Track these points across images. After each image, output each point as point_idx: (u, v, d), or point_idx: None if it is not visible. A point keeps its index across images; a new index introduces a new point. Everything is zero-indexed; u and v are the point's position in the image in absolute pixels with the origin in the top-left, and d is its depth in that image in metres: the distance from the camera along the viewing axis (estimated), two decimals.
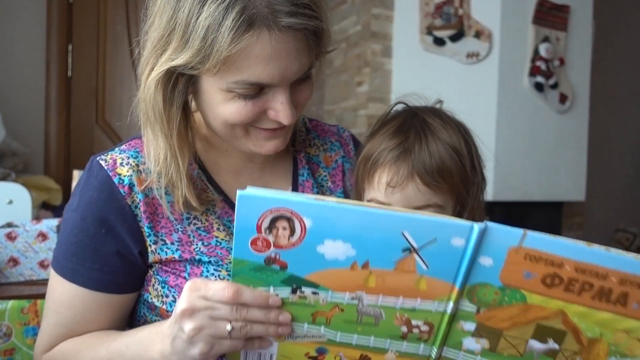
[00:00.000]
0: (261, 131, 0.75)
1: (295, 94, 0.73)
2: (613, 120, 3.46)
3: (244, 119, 0.71)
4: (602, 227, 3.47)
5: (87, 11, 2.72)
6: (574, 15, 2.65)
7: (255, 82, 0.68)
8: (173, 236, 0.76)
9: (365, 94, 2.65)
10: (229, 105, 0.70)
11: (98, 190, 0.75)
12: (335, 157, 0.94)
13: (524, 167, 2.51)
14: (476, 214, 0.79)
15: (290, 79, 0.71)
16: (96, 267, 0.75)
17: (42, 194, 2.23)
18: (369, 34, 2.61)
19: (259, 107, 0.71)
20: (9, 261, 1.42)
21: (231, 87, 0.69)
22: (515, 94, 2.50)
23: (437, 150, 0.73)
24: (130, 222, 0.75)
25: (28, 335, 1.06)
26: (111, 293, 0.76)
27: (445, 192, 0.74)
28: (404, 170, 0.73)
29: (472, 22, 2.51)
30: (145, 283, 0.78)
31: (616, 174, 3.53)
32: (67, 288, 0.76)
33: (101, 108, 2.77)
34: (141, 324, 0.80)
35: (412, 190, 0.73)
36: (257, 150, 0.76)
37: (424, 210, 0.73)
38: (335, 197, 0.65)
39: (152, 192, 0.77)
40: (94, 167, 0.77)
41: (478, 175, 0.78)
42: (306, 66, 0.71)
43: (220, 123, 0.73)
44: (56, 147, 2.63)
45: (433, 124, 0.75)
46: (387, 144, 0.75)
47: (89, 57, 2.74)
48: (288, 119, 0.71)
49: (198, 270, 0.75)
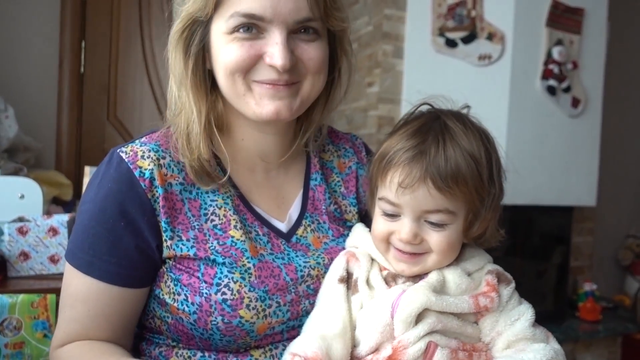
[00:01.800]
0: (263, 86, 0.76)
1: (298, 48, 0.76)
2: (626, 124, 3.42)
3: (239, 61, 0.75)
4: (613, 233, 3.43)
5: (101, 9, 2.74)
6: (588, 18, 2.63)
7: (248, 12, 0.73)
8: (189, 233, 0.77)
9: (376, 95, 2.65)
10: (228, 48, 0.75)
11: (118, 183, 0.76)
12: (349, 164, 0.95)
13: (534, 170, 2.49)
14: (489, 225, 0.77)
15: (286, 19, 0.74)
16: (113, 261, 0.75)
17: (53, 189, 2.25)
18: (381, 35, 2.61)
19: (255, 49, 0.75)
20: (20, 255, 1.43)
21: (230, 25, 0.74)
22: (527, 97, 2.48)
23: (454, 156, 0.72)
24: (149, 216, 0.75)
25: (37, 329, 1.07)
26: (126, 287, 0.76)
27: (457, 199, 0.72)
28: (417, 172, 0.71)
29: (485, 24, 2.49)
30: (158, 279, 0.78)
31: (628, 179, 3.49)
32: (82, 281, 0.76)
33: (113, 105, 2.79)
34: (150, 318, 0.81)
35: (423, 194, 0.72)
36: (259, 111, 0.77)
37: (435, 214, 0.73)
38: None
39: (171, 187, 0.77)
40: (114, 159, 0.78)
41: (495, 186, 0.75)
42: (304, 11, 0.74)
43: (224, 75, 0.77)
44: (68, 142, 2.66)
45: (454, 129, 0.74)
46: (404, 144, 0.74)
47: (102, 54, 2.76)
48: (282, 60, 0.73)
49: (212, 271, 0.75)
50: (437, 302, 0.70)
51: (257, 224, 0.82)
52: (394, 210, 0.74)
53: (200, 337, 0.76)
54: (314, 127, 0.89)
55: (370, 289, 0.76)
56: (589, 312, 2.73)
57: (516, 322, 0.73)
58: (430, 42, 2.55)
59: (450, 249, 0.75)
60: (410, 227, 0.73)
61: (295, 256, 0.82)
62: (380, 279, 0.77)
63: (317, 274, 0.81)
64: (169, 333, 0.79)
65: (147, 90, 2.83)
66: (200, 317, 0.74)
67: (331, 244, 0.86)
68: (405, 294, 0.71)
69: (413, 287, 0.73)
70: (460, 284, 0.74)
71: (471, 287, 0.75)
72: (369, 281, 0.77)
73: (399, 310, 0.70)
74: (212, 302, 0.74)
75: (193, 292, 0.75)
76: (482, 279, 0.76)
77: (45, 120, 2.62)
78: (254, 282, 0.76)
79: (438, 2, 2.55)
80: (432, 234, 0.74)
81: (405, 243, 0.74)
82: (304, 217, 0.86)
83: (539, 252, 2.81)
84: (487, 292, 0.73)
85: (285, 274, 0.79)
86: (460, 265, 0.77)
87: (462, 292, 0.74)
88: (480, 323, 0.74)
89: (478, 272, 0.77)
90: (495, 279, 0.75)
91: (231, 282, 0.75)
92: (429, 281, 0.73)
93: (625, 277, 3.43)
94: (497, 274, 0.76)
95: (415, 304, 0.70)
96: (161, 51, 0.83)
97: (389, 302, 0.72)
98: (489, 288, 0.74)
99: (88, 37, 2.71)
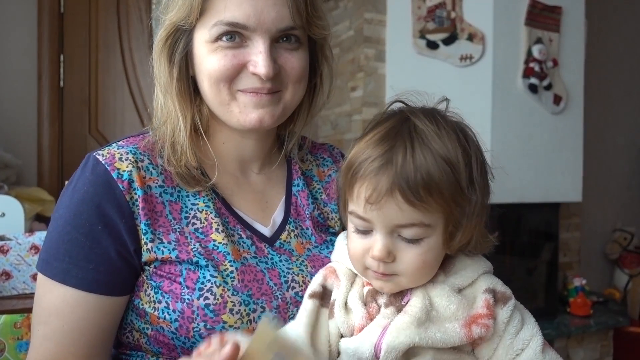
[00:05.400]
0: (247, 95, 0.77)
1: (281, 57, 0.77)
2: (608, 119, 3.46)
3: (224, 70, 0.75)
4: (600, 227, 3.46)
5: (79, 21, 2.71)
6: (566, 16, 2.66)
7: (231, 20, 0.73)
8: (170, 236, 0.75)
9: (360, 99, 2.65)
10: (212, 57, 0.75)
11: (94, 185, 0.74)
12: (329, 172, 0.95)
13: (519, 168, 2.51)
14: (473, 235, 0.67)
15: (269, 28, 0.74)
16: (91, 267, 0.72)
17: (36, 205, 2.21)
18: (362, 39, 2.61)
19: (239, 59, 0.75)
20: (1, 275, 1.40)
21: (213, 34, 0.74)
22: (509, 96, 2.50)
23: (425, 163, 0.62)
24: (127, 218, 0.73)
25: (21, 350, 1.04)
26: (105, 295, 0.73)
27: (433, 211, 0.63)
28: (383, 185, 0.62)
29: (465, 25, 2.51)
30: (137, 288, 0.76)
31: (612, 174, 3.53)
32: (57, 293, 0.73)
33: (94, 118, 2.75)
34: (127, 332, 0.78)
35: (392, 208, 0.63)
36: (243, 119, 0.77)
37: (408, 229, 0.64)
38: None
39: (150, 190, 0.76)
40: (89, 162, 0.76)
41: (476, 191, 0.65)
42: (287, 20, 0.75)
43: (208, 83, 0.77)
44: (49, 158, 2.61)
45: (425, 131, 0.65)
46: (370, 152, 0.65)
47: (81, 66, 2.72)
48: (265, 69, 0.74)
49: (194, 275, 0.74)
50: (424, 338, 0.63)
51: (239, 227, 0.81)
52: (365, 225, 0.66)
53: (182, 346, 0.74)
54: (299, 134, 0.89)
55: (347, 313, 0.69)
56: (580, 307, 2.75)
57: (522, 352, 0.65)
58: (411, 44, 2.56)
59: (426, 266, 0.66)
60: (383, 244, 0.65)
61: (279, 261, 0.81)
62: (358, 302, 0.69)
63: (302, 280, 0.80)
64: (148, 346, 0.77)
65: (128, 102, 2.80)
66: (182, 325, 0.72)
67: (314, 251, 0.85)
68: (387, 335, 0.64)
69: (395, 324, 0.64)
70: (449, 305, 0.65)
71: (463, 305, 0.65)
72: (347, 304, 0.70)
73: (383, 354, 0.63)
74: (194, 308, 0.72)
75: (174, 298, 0.73)
76: (477, 296, 0.67)
77: (26, 136, 2.57)
78: (237, 286, 0.74)
79: (418, 4, 2.56)
80: (406, 249, 0.65)
81: (377, 260, 0.65)
82: (287, 222, 0.86)
83: (527, 250, 2.83)
84: (482, 318, 0.64)
85: (269, 279, 0.78)
86: (448, 281, 0.68)
87: (453, 314, 0.65)
88: (477, 352, 0.66)
89: (470, 287, 0.68)
90: (492, 299, 0.66)
91: (214, 287, 0.73)
92: (413, 312, 0.64)
93: (614, 271, 3.46)
94: (494, 293, 0.67)
95: (400, 346, 0.63)
96: (142, 62, 0.83)
97: (371, 344, 0.65)
98: (487, 312, 0.65)
99: (67, 50, 2.68)
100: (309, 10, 0.77)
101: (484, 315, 0.65)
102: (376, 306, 0.68)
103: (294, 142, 0.90)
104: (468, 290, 0.68)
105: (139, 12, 2.80)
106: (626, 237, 3.44)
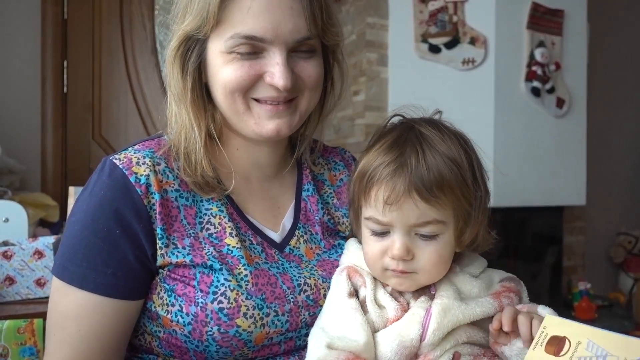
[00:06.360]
0: (262, 106, 0.77)
1: (297, 66, 0.76)
2: (611, 122, 3.45)
3: (240, 81, 0.74)
4: (604, 231, 3.45)
5: (82, 27, 2.73)
6: (568, 19, 2.66)
7: (249, 34, 0.72)
8: (185, 241, 0.75)
9: (362, 103, 2.65)
10: (228, 67, 0.75)
11: (112, 189, 0.74)
12: (340, 176, 0.95)
13: (523, 172, 2.50)
14: (480, 229, 0.75)
15: (286, 40, 0.74)
16: (109, 272, 0.72)
17: (39, 211, 2.22)
18: (364, 43, 2.62)
19: (255, 70, 0.74)
20: (5, 280, 1.40)
21: (229, 46, 0.73)
22: (512, 100, 2.50)
23: (435, 163, 0.70)
24: (145, 223, 0.74)
25: (25, 355, 1.04)
26: (123, 299, 0.73)
27: (445, 207, 0.70)
28: (400, 186, 0.69)
29: (467, 29, 2.51)
30: (149, 291, 0.76)
31: (616, 177, 3.52)
32: (74, 298, 0.73)
33: (97, 123, 2.76)
34: (139, 335, 0.79)
35: (410, 207, 0.69)
36: (259, 130, 0.77)
37: (425, 227, 0.71)
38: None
39: (167, 194, 0.76)
40: (106, 166, 0.76)
41: (480, 187, 0.74)
42: (303, 31, 0.74)
43: (223, 93, 0.76)
44: (53, 163, 2.62)
45: (430, 136, 0.72)
46: (383, 159, 0.71)
47: (85, 72, 2.74)
48: (283, 81, 0.73)
49: (208, 279, 0.74)
50: (467, 315, 0.70)
51: (250, 233, 0.81)
52: (382, 228, 0.72)
53: (195, 350, 0.74)
54: (310, 137, 0.90)
55: (380, 309, 0.73)
56: (585, 311, 2.73)
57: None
58: (413, 48, 2.57)
59: (442, 261, 0.73)
60: (401, 242, 0.71)
61: (289, 267, 0.81)
62: (388, 297, 0.74)
63: (314, 283, 0.80)
64: (160, 349, 0.77)
65: (132, 107, 2.82)
66: (195, 328, 0.72)
67: (324, 256, 0.85)
68: (433, 316, 0.70)
69: (437, 306, 0.70)
70: (472, 288, 0.74)
71: (483, 287, 0.75)
72: (377, 300, 0.74)
73: (430, 333, 0.69)
74: (208, 312, 0.72)
75: (188, 301, 0.73)
76: (492, 281, 0.77)
77: (30, 142, 2.59)
78: (251, 290, 0.74)
79: (420, 8, 2.57)
80: (423, 247, 0.71)
81: (397, 260, 0.71)
82: (296, 228, 0.86)
83: (531, 254, 2.82)
84: (504, 292, 0.74)
85: (282, 282, 0.78)
86: (464, 271, 0.76)
87: (478, 294, 0.74)
88: (507, 350, 0.71)
89: (483, 274, 0.78)
90: (510, 283, 0.77)
91: (228, 290, 0.73)
92: (449, 294, 0.72)
93: (619, 275, 3.44)
94: (509, 279, 0.78)
95: (448, 324, 0.69)
96: (144, 67, 0.82)
97: (418, 326, 0.70)
98: (505, 289, 0.75)
99: (70, 56, 2.69)
100: (324, 19, 0.77)
101: (504, 290, 0.74)
102: (405, 300, 0.74)
103: (305, 146, 0.90)
104: (482, 276, 0.77)
105: (142, 19, 2.81)
106: (630, 241, 3.42)
